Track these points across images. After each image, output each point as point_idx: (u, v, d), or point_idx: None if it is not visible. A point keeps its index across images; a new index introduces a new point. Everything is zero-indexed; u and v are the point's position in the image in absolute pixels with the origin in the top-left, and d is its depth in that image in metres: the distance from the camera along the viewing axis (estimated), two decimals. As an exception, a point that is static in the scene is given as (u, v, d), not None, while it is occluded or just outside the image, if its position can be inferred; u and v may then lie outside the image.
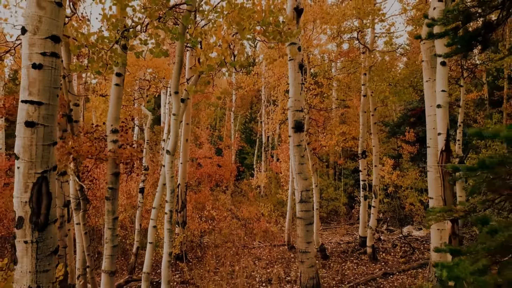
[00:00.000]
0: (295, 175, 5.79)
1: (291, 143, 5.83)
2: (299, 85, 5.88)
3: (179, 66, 4.00)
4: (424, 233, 10.61)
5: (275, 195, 14.96)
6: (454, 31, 1.70)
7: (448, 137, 3.32)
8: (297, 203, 5.78)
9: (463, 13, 1.54)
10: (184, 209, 9.11)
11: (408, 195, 11.93)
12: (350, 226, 13.44)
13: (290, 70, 5.93)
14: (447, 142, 3.26)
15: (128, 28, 4.01)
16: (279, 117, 8.76)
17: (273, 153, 18.93)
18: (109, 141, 4.39)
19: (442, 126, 3.37)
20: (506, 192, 1.56)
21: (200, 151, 14.72)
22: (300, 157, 5.76)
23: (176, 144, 4.03)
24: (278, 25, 3.54)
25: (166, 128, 16.92)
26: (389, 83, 6.87)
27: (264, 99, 19.38)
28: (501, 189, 1.48)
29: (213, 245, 10.42)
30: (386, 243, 10.13)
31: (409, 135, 12.49)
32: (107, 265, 4.34)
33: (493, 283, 1.05)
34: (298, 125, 5.77)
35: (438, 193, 4.63)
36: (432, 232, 5.22)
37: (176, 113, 4.02)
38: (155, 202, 4.40)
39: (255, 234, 11.37)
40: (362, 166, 9.70)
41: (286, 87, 8.46)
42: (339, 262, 8.52)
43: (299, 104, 5.83)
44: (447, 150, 3.26)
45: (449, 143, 3.25)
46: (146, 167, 8.06)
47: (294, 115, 5.77)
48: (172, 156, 4.06)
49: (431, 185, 5.07)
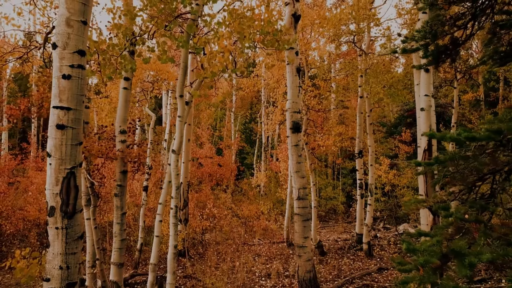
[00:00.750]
0: (293, 174, 6.09)
1: (289, 143, 6.13)
2: (297, 88, 6.18)
3: (184, 71, 4.30)
4: (419, 230, 10.90)
5: (275, 194, 15.26)
6: (425, 47, 1.98)
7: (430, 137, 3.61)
8: (295, 200, 6.08)
9: (430, 33, 1.83)
10: (186, 207, 9.40)
11: (404, 194, 12.22)
12: (348, 224, 13.73)
13: (288, 74, 6.23)
14: (430, 141, 3.55)
15: (136, 36, 4.32)
16: (278, 117, 9.05)
17: (272, 153, 19.23)
18: (117, 141, 4.69)
19: (424, 127, 3.66)
20: (466, 185, 1.85)
21: (201, 151, 15.02)
22: (297, 157, 6.06)
23: (181, 144, 4.32)
24: (276, 34, 3.83)
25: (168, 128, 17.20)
26: (383, 85, 7.16)
27: (264, 100, 19.67)
28: (460, 182, 1.77)
29: (214, 242, 10.71)
30: (382, 240, 10.42)
31: (406, 135, 12.78)
32: (116, 257, 4.64)
33: (439, 251, 1.33)
34: (296, 126, 6.07)
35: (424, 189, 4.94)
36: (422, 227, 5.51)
37: (181, 115, 4.31)
38: (161, 198, 4.69)
39: (255, 231, 11.66)
40: (359, 166, 9.99)
41: (285, 89, 8.75)
42: (336, 258, 8.81)
43: (297, 106, 6.13)
44: (429, 149, 3.55)
45: (431, 142, 3.55)
46: (150, 166, 8.35)
47: (292, 116, 6.07)
48: (177, 155, 4.35)
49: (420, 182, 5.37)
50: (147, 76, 8.49)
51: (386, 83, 7.00)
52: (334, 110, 16.63)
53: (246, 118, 24.07)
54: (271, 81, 9.45)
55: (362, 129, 9.93)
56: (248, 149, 21.49)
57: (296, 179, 6.03)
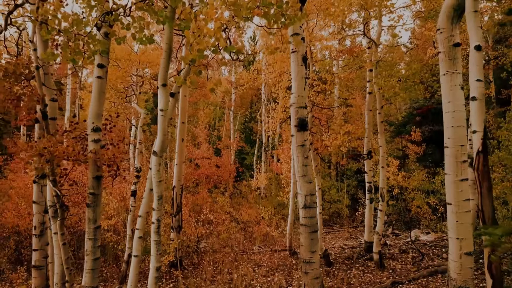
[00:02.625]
0: (298, 178, 5.28)
1: (294, 143, 5.33)
2: (303, 80, 5.38)
3: (167, 54, 3.50)
4: (432, 237, 10.11)
5: (276, 197, 14.47)
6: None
7: (485, 135, 2.82)
8: (301, 208, 5.28)
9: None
10: (179, 213, 8.61)
11: (414, 197, 11.44)
12: (353, 229, 12.94)
13: (292, 63, 5.43)
14: (484, 141, 2.77)
15: (109, 11, 3.52)
16: (280, 115, 8.26)
17: (273, 154, 18.45)
18: (90, 140, 3.91)
19: (478, 122, 2.87)
20: None
21: (197, 152, 14.23)
22: (303, 158, 5.25)
23: (164, 144, 3.53)
24: (281, 6, 3.04)
25: (163, 128, 16.47)
26: (398, 79, 6.39)
27: (264, 97, 18.90)
28: None
29: (210, 250, 9.92)
30: (393, 248, 9.63)
31: (415, 135, 12.00)
32: (88, 280, 3.85)
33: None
34: (302, 123, 5.26)
35: (460, 198, 4.14)
36: (451, 242, 4.72)
37: (164, 109, 3.52)
38: (141, 210, 3.90)
39: (254, 238, 10.88)
40: (368, 167, 9.20)
41: (288, 83, 7.97)
42: (343, 270, 8.02)
43: (303, 100, 5.33)
44: (484, 151, 2.76)
45: (487, 142, 2.77)
46: (139, 169, 7.56)
47: (297, 112, 5.26)
48: (159, 158, 3.56)
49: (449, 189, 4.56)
50: (136, 70, 7.70)
51: (401, 76, 6.23)
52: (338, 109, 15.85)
53: (246, 117, 23.30)
54: (272, 76, 8.67)
55: (371, 128, 9.15)
56: (248, 149, 20.70)
57: (302, 184, 5.23)
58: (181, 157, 8.63)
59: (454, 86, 4.26)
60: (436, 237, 10.09)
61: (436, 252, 8.98)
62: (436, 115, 12.43)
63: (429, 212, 10.46)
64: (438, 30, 4.90)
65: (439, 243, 9.64)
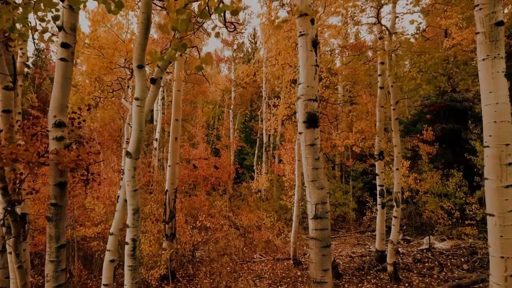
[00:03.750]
0: (308, 183, 4.49)
1: (302, 142, 4.53)
2: (313, 67, 4.58)
3: (144, 27, 2.72)
4: (448, 245, 9.32)
5: (278, 200, 13.68)
6: None
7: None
8: (310, 219, 4.47)
9: None
10: (173, 220, 7.83)
11: (427, 201, 10.64)
12: (360, 234, 12.15)
13: (300, 49, 4.62)
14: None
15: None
16: (283, 112, 7.48)
17: (274, 154, 17.65)
18: (51, 138, 3.12)
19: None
20: None
21: (195, 152, 13.43)
22: (314, 160, 4.45)
23: (139, 142, 2.75)
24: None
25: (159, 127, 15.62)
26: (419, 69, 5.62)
27: (265, 95, 18.10)
28: None
29: (207, 259, 9.14)
30: (406, 257, 8.84)
31: (427, 134, 11.20)
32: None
33: None
34: (312, 118, 4.46)
35: (505, 209, 3.36)
36: (493, 261, 3.94)
37: (140, 97, 2.74)
38: (113, 227, 3.11)
39: (255, 245, 10.09)
40: (379, 169, 8.42)
41: (292, 76, 7.18)
42: (354, 283, 7.24)
43: (313, 92, 4.53)
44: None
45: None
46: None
47: (307, 105, 4.46)
48: (135, 160, 2.78)
49: (490, 197, 3.78)
50: (124, 61, 6.91)
51: (423, 66, 5.47)
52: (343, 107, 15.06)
53: (246, 116, 22.51)
54: (274, 69, 7.87)
55: (383, 126, 8.38)
56: (248, 149, 19.90)
57: (312, 190, 4.43)
58: (175, 158, 7.85)
59: (497, 73, 3.49)
60: (452, 244, 9.29)
61: (454, 262, 8.19)
62: (449, 113, 11.64)
63: (445, 217, 9.66)
64: (477, 6, 4.10)
65: (457, 251, 8.85)
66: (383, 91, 8.60)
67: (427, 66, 5.51)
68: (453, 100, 11.23)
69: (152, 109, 18.04)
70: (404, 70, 5.66)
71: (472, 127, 10.27)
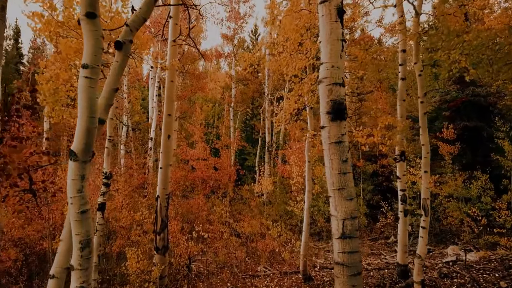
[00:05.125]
0: (332, 192, 3.44)
1: (326, 138, 3.48)
2: (338, 42, 3.53)
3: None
4: (477, 256, 8.29)
5: (282, 204, 12.66)
6: None
7: None
8: (336, 239, 3.42)
9: None
10: (165, 230, 6.79)
11: (448, 206, 9.62)
12: (373, 242, 11.13)
13: (322, 20, 3.59)
14: None
15: None
16: (292, 105, 6.47)
17: (277, 154, 16.64)
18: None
19: None
20: None
21: (192, 152, 12.41)
22: (340, 162, 3.39)
23: (89, 136, 1.73)
24: None
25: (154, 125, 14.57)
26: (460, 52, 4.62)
27: (267, 92, 17.09)
28: None
29: (205, 272, 8.13)
30: (430, 271, 7.81)
31: (448, 132, 10.17)
32: None
33: None
34: (338, 108, 3.41)
35: None
36: None
37: (90, 64, 1.72)
38: (54, 266, 2.08)
39: (259, 256, 9.06)
40: (401, 172, 7.41)
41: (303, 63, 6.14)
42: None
43: (339, 74, 3.48)
44: None
45: None
46: (108, 175, 5.76)
47: (331, 91, 3.41)
48: (83, 164, 1.75)
49: None
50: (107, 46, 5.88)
51: (467, 47, 4.47)
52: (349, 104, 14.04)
53: (247, 114, 21.48)
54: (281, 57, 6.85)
55: (406, 123, 7.37)
56: (249, 149, 18.88)
57: (339, 201, 3.39)
58: (167, 159, 6.81)
59: None
60: (481, 256, 8.27)
61: (488, 278, 7.15)
62: (470, 109, 10.62)
63: (472, 224, 8.63)
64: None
65: (487, 264, 7.83)
66: (405, 82, 7.60)
67: (471, 48, 4.52)
68: (476, 94, 10.22)
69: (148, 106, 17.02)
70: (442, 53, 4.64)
71: (500, 124, 9.25)
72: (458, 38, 4.68)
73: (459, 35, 4.77)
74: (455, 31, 4.74)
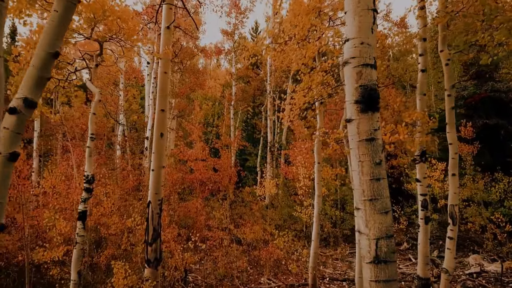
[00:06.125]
0: (362, 204, 2.64)
1: (353, 135, 2.69)
2: (369, 13, 2.72)
3: None
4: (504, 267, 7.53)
5: (285, 207, 11.91)
6: None
7: None
8: (368, 263, 2.63)
9: None
10: (157, 240, 6.04)
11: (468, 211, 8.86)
12: (384, 249, 10.35)
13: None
14: None
15: None
16: (302, 99, 5.73)
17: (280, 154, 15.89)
18: None
19: None
20: None
21: (190, 152, 11.67)
22: (373, 166, 2.60)
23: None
24: None
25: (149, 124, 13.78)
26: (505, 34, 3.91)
27: (270, 89, 16.34)
28: None
29: (204, 284, 7.37)
30: (452, 284, 7.05)
31: (466, 131, 9.41)
32: None
33: None
34: (370, 96, 2.61)
35: None
36: None
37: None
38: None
39: (262, 265, 8.31)
40: (421, 174, 6.62)
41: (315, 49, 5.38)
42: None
43: (370, 52, 2.68)
44: None
45: None
46: (90, 178, 5.01)
47: (361, 74, 2.61)
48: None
49: None
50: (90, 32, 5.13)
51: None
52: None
53: (248, 113, 20.74)
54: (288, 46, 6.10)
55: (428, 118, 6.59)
56: (251, 149, 18.13)
57: (371, 215, 2.59)
58: (160, 160, 6.05)
59: None
60: (507, 267, 7.51)
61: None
62: (490, 105, 9.86)
63: (497, 231, 7.86)
64: None
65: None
66: (425, 74, 6.82)
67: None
68: (496, 90, 9.49)
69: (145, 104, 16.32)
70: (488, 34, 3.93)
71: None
72: (503, 17, 3.94)
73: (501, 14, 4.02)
74: (497, 8, 3.99)
